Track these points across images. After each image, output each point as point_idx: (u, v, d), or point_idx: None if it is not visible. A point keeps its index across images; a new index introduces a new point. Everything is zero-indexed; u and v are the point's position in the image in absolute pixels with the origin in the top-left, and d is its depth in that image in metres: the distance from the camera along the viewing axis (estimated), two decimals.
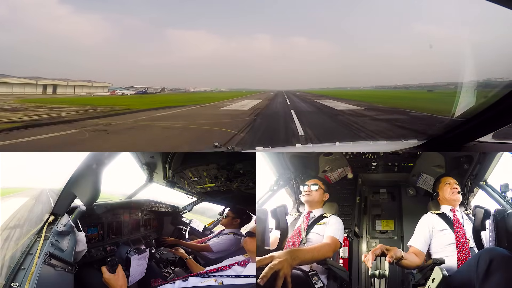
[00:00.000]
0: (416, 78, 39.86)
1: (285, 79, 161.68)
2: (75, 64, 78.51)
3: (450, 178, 1.88)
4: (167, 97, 30.39)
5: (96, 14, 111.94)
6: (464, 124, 1.58)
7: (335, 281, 1.61)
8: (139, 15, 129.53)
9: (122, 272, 1.53)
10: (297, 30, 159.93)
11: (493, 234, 1.66)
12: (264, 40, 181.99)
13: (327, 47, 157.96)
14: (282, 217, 1.68)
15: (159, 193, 2.80)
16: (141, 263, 1.82)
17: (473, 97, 1.71)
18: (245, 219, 2.56)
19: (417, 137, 2.00)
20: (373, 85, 63.82)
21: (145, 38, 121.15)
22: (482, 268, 1.24)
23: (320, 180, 1.98)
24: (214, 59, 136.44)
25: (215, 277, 1.31)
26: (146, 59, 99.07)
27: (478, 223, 1.61)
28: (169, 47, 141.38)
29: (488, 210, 1.63)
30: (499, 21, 1.24)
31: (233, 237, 2.46)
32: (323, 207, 1.93)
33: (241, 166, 2.21)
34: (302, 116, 13.22)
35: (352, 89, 69.18)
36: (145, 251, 1.88)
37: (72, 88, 33.91)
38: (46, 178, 1.88)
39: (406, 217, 2.19)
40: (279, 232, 1.72)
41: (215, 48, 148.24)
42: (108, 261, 1.50)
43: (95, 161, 1.54)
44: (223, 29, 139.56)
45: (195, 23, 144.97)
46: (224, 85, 69.44)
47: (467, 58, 1.78)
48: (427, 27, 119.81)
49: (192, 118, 12.29)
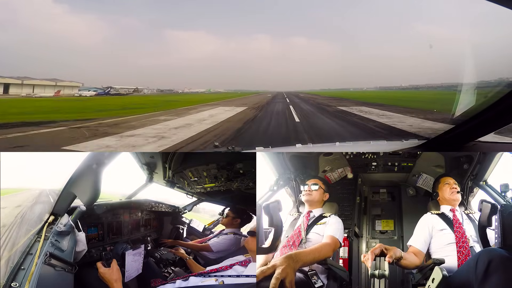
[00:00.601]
0: (422, 78, 38.86)
1: (285, 79, 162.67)
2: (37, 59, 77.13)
3: (450, 178, 1.88)
4: (126, 100, 27.00)
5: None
6: (464, 124, 1.58)
7: (335, 281, 1.60)
8: (133, 15, 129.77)
9: (117, 266, 1.55)
10: (297, 30, 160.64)
11: (498, 231, 1.59)
12: (264, 40, 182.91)
13: (328, 47, 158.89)
14: (276, 213, 1.64)
15: (159, 193, 2.80)
16: (137, 259, 1.83)
17: (473, 97, 1.71)
18: (245, 219, 2.57)
19: (417, 137, 2.00)
20: (376, 86, 63.23)
21: (142, 38, 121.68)
22: (481, 269, 1.24)
23: (321, 180, 1.98)
24: (213, 60, 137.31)
25: (216, 277, 1.31)
26: (142, 59, 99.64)
27: (485, 219, 1.57)
28: (167, 48, 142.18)
29: (496, 205, 1.57)
30: (499, 21, 1.24)
31: (233, 237, 2.46)
32: (323, 207, 1.93)
33: (241, 166, 2.22)
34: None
35: (355, 90, 68.66)
36: (139, 247, 1.89)
37: (30, 88, 31.62)
38: (46, 178, 1.89)
39: (406, 217, 2.20)
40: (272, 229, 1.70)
41: (214, 48, 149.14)
42: (103, 255, 1.54)
43: (95, 161, 1.54)
44: (222, 30, 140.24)
45: (194, 23, 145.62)
46: (222, 86, 69.64)
47: (467, 58, 1.78)
48: (428, 27, 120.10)
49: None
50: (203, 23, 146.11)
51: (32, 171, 1.84)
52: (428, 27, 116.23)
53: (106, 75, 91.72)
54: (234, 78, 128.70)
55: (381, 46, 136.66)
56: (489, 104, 1.36)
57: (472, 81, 1.76)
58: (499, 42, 1.79)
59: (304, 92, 61.39)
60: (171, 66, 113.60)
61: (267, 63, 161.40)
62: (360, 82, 69.78)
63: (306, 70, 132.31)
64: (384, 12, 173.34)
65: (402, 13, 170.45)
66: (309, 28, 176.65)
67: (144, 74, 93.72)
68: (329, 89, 66.84)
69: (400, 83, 56.09)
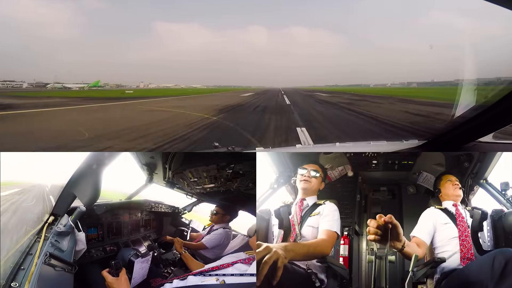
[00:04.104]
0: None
1: (284, 75, 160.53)
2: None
3: (451, 175, 1.88)
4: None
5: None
6: (465, 124, 1.58)
7: (335, 279, 1.60)
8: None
9: (125, 276, 1.50)
10: (296, 21, 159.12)
11: (491, 234, 1.72)
12: (260, 32, 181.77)
13: (332, 39, 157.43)
14: (286, 217, 1.59)
15: (159, 193, 2.80)
16: (144, 266, 1.81)
17: (473, 97, 1.72)
18: (233, 215, 2.73)
19: (417, 138, 2.00)
20: (403, 82, 57.96)
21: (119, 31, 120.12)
22: (497, 269, 1.24)
23: (320, 167, 1.85)
24: (202, 54, 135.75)
25: (216, 276, 1.26)
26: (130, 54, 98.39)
27: (476, 224, 1.64)
28: (155, 42, 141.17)
29: (485, 212, 1.66)
30: (500, 21, 1.24)
31: (223, 231, 2.59)
32: (317, 195, 1.83)
33: (241, 166, 2.22)
34: None
35: (366, 86, 63.87)
36: (148, 254, 1.88)
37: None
38: (46, 178, 1.89)
39: (407, 215, 2.19)
40: (282, 230, 1.64)
41: (204, 42, 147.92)
42: (112, 264, 1.46)
43: (95, 161, 1.54)
44: (214, 20, 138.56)
45: (183, 15, 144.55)
46: (212, 81, 67.92)
47: (468, 58, 1.79)
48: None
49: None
50: (192, 14, 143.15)
51: (32, 171, 1.84)
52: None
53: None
54: (222, 73, 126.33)
55: (396, 36, 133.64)
56: (489, 104, 1.36)
57: (472, 81, 1.77)
58: (499, 41, 1.79)
59: (306, 88, 57.23)
60: (157, 60, 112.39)
61: (264, 56, 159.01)
62: (379, 78, 66.95)
63: (309, 64, 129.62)
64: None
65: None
66: (310, 18, 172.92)
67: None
68: (336, 85, 63.18)
69: (431, 78, 52.81)
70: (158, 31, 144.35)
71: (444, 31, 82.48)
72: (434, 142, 1.83)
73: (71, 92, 36.27)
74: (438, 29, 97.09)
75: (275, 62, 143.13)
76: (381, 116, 12.56)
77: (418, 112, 13.67)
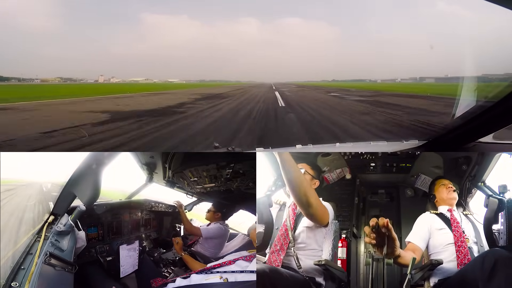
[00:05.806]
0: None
1: (276, 70, 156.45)
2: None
3: (444, 179, 1.89)
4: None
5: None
6: (465, 125, 1.58)
7: (333, 281, 1.60)
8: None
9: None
10: (293, 11, 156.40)
11: (504, 228, 1.58)
12: (250, 23, 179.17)
13: (328, 30, 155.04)
14: (266, 209, 1.52)
15: (159, 193, 2.81)
16: (131, 254, 1.82)
17: (473, 98, 1.72)
18: (225, 212, 2.78)
19: (418, 138, 2.00)
20: (415, 76, 53.59)
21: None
22: (487, 268, 1.25)
23: (309, 165, 1.80)
24: (187, 47, 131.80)
25: (219, 273, 1.28)
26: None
27: (491, 215, 1.54)
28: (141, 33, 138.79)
29: (503, 200, 1.55)
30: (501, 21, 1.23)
31: (218, 225, 2.66)
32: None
33: (240, 166, 2.22)
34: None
35: (371, 82, 60.36)
36: (133, 242, 1.89)
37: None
38: (46, 178, 1.89)
39: (405, 218, 2.20)
40: (263, 226, 1.58)
41: (192, 34, 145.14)
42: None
43: (95, 161, 1.55)
44: (203, 12, 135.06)
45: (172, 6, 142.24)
46: (197, 76, 65.31)
47: (468, 58, 1.79)
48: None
49: None
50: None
51: (32, 171, 1.85)
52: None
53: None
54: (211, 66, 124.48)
55: (399, 27, 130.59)
56: (490, 105, 1.36)
57: (472, 81, 1.77)
58: (499, 42, 1.79)
59: (300, 83, 53.93)
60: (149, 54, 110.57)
61: (255, 47, 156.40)
62: (386, 72, 65.33)
63: (303, 56, 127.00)
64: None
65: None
66: (306, 7, 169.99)
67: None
68: (333, 80, 60.77)
69: (445, 73, 50.03)
70: (144, 22, 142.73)
71: (448, 22, 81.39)
72: (434, 142, 1.83)
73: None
74: (442, 20, 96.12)
75: (267, 56, 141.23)
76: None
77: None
